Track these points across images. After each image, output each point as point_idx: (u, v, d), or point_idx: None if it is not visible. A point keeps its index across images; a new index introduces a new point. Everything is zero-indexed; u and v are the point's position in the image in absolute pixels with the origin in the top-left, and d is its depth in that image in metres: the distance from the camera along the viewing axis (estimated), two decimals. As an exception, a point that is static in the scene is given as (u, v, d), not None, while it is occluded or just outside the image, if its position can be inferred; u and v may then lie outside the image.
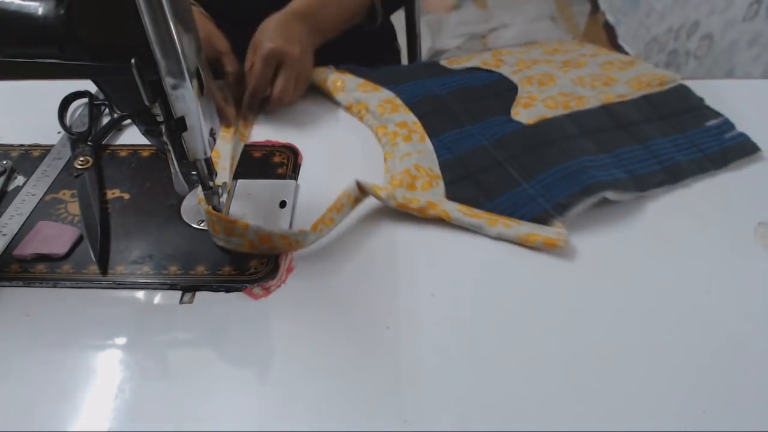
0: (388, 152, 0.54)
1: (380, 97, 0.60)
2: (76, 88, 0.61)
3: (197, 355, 0.40)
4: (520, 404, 0.37)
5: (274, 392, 0.38)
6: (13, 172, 0.54)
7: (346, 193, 0.47)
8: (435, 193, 0.49)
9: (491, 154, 0.52)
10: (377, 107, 0.58)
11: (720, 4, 1.02)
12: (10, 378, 0.39)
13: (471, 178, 0.51)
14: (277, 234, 0.44)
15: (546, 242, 0.45)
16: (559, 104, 0.57)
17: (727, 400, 0.37)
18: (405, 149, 0.53)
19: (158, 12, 0.33)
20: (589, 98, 0.58)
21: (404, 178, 0.50)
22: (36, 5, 0.36)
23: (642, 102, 0.58)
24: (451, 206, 0.48)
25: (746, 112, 0.59)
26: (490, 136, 0.54)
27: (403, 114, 0.57)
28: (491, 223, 0.46)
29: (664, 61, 1.19)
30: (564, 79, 0.61)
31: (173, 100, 0.37)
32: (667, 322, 0.42)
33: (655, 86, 0.60)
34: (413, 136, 0.55)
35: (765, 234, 0.47)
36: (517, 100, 0.58)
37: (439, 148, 0.53)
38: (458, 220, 0.47)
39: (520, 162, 0.51)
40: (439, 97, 0.59)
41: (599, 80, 0.61)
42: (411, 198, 0.47)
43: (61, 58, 0.37)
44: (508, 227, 0.46)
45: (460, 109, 0.58)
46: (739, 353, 0.40)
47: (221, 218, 0.44)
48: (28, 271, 0.45)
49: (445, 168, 0.52)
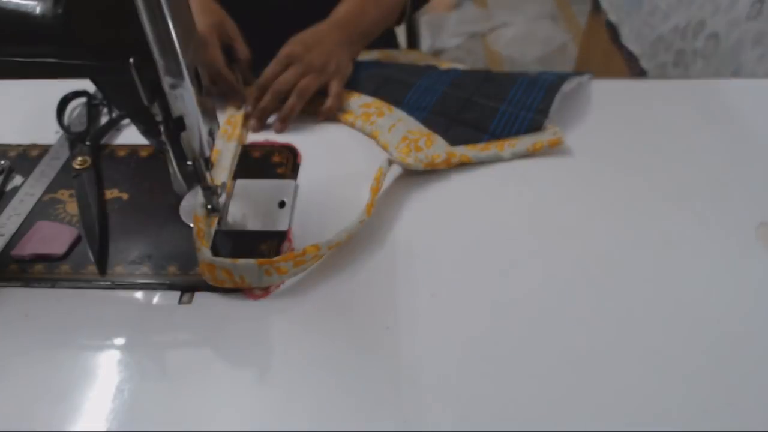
0: (374, 131, 0.57)
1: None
2: (75, 87, 0.61)
3: (196, 355, 0.40)
4: (521, 404, 0.37)
5: (273, 392, 0.38)
6: (11, 171, 0.53)
7: (381, 174, 0.50)
8: (439, 146, 0.54)
9: (456, 96, 0.59)
10: None
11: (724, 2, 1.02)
12: (9, 378, 0.39)
13: (456, 122, 0.56)
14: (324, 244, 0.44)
15: (550, 143, 0.54)
16: (468, 67, 0.68)
17: (727, 400, 0.37)
18: (387, 122, 0.57)
19: (156, 11, 0.33)
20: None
21: (408, 144, 0.54)
22: (34, 4, 0.35)
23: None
24: (463, 149, 0.54)
25: (753, 111, 0.59)
26: (443, 81, 0.61)
27: (357, 97, 0.61)
28: (500, 148, 0.54)
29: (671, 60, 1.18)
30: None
31: (172, 99, 0.37)
32: (667, 321, 0.41)
33: None
34: (383, 109, 0.58)
35: (766, 234, 0.47)
36: (437, 65, 0.67)
37: (411, 111, 0.58)
38: (477, 157, 0.53)
39: (483, 92, 0.59)
40: (374, 74, 0.63)
41: None
42: (433, 155, 0.52)
43: (59, 57, 0.36)
44: (514, 146, 0.54)
45: (400, 75, 0.63)
46: (739, 353, 0.39)
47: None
48: (26, 272, 0.45)
49: (430, 123, 0.56)
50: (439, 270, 0.45)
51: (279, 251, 0.46)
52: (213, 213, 0.48)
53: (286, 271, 0.43)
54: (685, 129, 0.58)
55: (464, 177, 0.53)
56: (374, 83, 0.62)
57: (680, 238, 0.47)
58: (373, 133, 0.57)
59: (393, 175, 0.53)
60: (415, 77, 0.62)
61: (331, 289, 0.44)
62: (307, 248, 0.43)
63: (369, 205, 0.47)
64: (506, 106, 0.57)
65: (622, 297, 0.43)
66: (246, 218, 0.49)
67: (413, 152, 0.53)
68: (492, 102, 0.58)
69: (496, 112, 0.56)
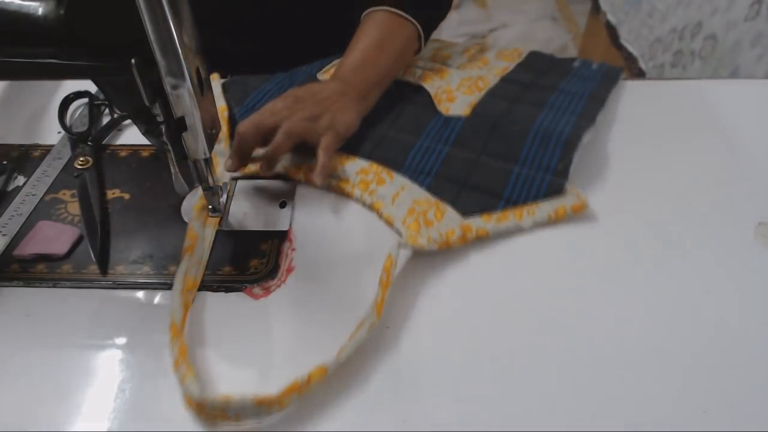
0: (376, 202, 0.49)
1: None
2: (76, 88, 0.61)
3: (197, 355, 0.40)
4: (520, 404, 0.37)
5: (273, 392, 0.38)
6: (13, 172, 0.54)
7: (391, 265, 0.42)
8: (451, 218, 0.47)
9: (462, 157, 0.53)
10: None
11: (722, 3, 1.02)
12: (10, 378, 0.39)
13: (466, 187, 0.50)
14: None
15: (574, 209, 0.48)
16: (473, 89, 0.61)
17: (727, 400, 0.37)
18: (389, 191, 0.50)
19: (158, 12, 0.33)
20: (487, 76, 0.63)
21: (416, 218, 0.47)
22: (36, 5, 0.36)
23: (521, 69, 0.65)
24: (477, 221, 0.47)
25: (751, 112, 0.59)
26: (445, 140, 0.54)
27: (352, 162, 0.53)
28: (519, 217, 0.48)
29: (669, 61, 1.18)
30: (452, 69, 0.64)
31: (173, 100, 0.37)
32: (667, 321, 0.41)
33: (516, 57, 0.68)
34: (382, 176, 0.51)
35: (765, 234, 0.47)
36: (436, 98, 0.60)
37: (414, 176, 0.51)
38: (495, 230, 0.47)
39: (492, 151, 0.53)
40: (365, 129, 0.55)
41: (477, 61, 0.67)
42: (446, 232, 0.46)
43: (61, 58, 0.37)
44: (534, 214, 0.48)
45: (394, 132, 0.56)
46: (739, 353, 0.40)
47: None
48: (28, 271, 0.45)
49: (437, 190, 0.50)
50: (439, 270, 0.45)
51: (280, 251, 0.46)
52: (214, 213, 0.48)
53: (288, 403, 0.36)
54: (684, 129, 0.58)
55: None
56: (368, 143, 0.54)
57: (679, 238, 0.47)
58: (375, 204, 0.49)
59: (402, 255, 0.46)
60: (412, 135, 0.55)
61: (331, 289, 0.44)
62: (312, 374, 0.36)
63: (379, 303, 0.40)
64: (520, 168, 0.51)
65: (622, 297, 0.43)
66: (247, 218, 0.49)
67: (423, 228, 0.46)
68: (503, 163, 0.51)
69: (509, 175, 0.50)
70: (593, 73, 0.64)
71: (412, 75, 0.63)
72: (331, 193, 0.52)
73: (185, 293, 0.42)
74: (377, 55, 0.58)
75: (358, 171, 0.52)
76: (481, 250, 0.47)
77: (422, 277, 0.45)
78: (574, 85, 0.61)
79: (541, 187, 0.49)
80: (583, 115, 0.55)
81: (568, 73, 0.64)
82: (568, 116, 0.56)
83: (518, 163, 0.51)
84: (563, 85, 0.62)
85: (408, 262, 0.46)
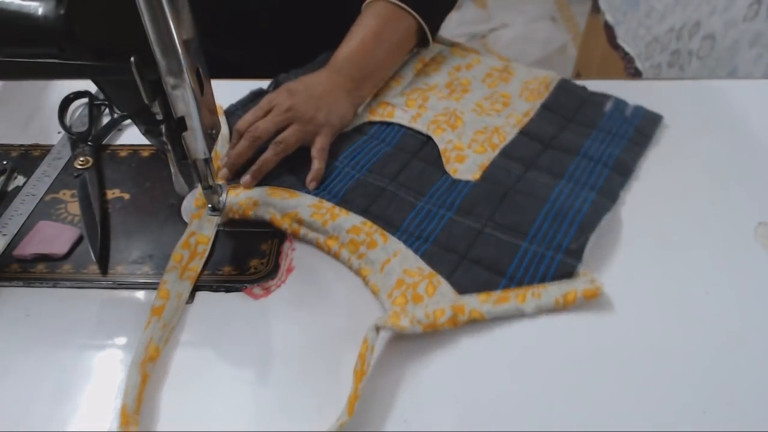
0: (363, 268, 0.45)
1: (305, 202, 0.48)
2: (76, 88, 0.61)
3: (197, 355, 0.40)
4: (520, 404, 0.37)
5: (273, 392, 0.38)
6: (13, 172, 0.54)
7: (367, 350, 0.38)
8: (444, 294, 0.42)
9: (466, 226, 0.47)
10: (313, 215, 0.47)
11: (721, 3, 1.02)
12: (10, 378, 0.39)
13: (466, 260, 0.45)
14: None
15: (586, 295, 0.42)
16: (486, 145, 0.54)
17: (727, 400, 0.37)
18: (379, 256, 0.45)
19: (158, 11, 0.33)
20: (504, 128, 0.56)
21: (404, 291, 0.42)
22: (36, 5, 0.36)
23: (545, 112, 0.59)
24: (473, 302, 0.42)
25: (749, 112, 0.59)
26: (449, 205, 0.49)
27: (345, 217, 0.47)
28: (522, 300, 0.42)
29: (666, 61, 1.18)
30: (467, 113, 0.57)
31: (173, 99, 0.37)
32: (667, 321, 0.42)
33: (544, 91, 0.61)
34: (374, 238, 0.46)
35: (765, 234, 0.47)
36: (445, 155, 0.53)
37: (409, 240, 0.46)
38: (491, 313, 0.41)
39: (499, 222, 0.47)
40: (364, 181, 0.51)
41: (497, 102, 0.59)
42: (434, 311, 0.40)
43: (61, 57, 0.37)
44: (540, 296, 0.42)
45: (396, 187, 0.50)
46: (739, 353, 0.40)
47: None
48: (28, 271, 0.45)
49: (432, 260, 0.45)
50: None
51: (280, 251, 0.46)
52: (214, 212, 0.48)
53: None
54: (683, 129, 0.58)
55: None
56: (365, 197, 0.49)
57: (678, 238, 0.47)
58: (362, 270, 0.45)
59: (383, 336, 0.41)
60: (414, 195, 0.49)
61: (330, 289, 0.44)
62: None
63: (352, 399, 0.36)
64: (528, 244, 0.45)
65: (621, 296, 0.43)
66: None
67: (410, 305, 0.41)
68: (511, 237, 0.46)
69: (516, 250, 0.45)
70: (626, 121, 0.57)
71: (423, 113, 0.57)
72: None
73: (144, 365, 0.38)
74: (373, 46, 0.57)
75: (350, 229, 0.46)
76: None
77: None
78: (602, 143, 0.55)
79: (551, 267, 0.43)
80: (604, 192, 0.49)
81: (598, 118, 0.57)
82: (587, 191, 0.49)
83: (527, 239, 0.45)
84: (588, 143, 0.54)
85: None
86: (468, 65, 0.64)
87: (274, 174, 0.51)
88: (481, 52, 0.66)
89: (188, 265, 0.45)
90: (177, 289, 0.43)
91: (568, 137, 0.56)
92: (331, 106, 0.53)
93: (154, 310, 0.41)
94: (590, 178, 0.51)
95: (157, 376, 0.39)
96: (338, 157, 0.53)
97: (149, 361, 0.39)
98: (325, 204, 0.48)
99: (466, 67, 0.64)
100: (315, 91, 0.53)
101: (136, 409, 0.36)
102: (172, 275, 0.44)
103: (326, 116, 0.53)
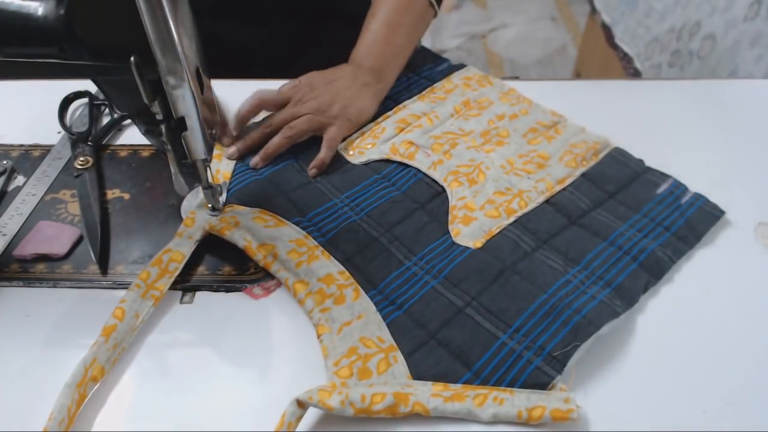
0: (320, 325, 0.41)
1: (289, 236, 0.46)
2: (76, 88, 0.61)
3: (197, 355, 0.40)
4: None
5: (274, 392, 0.38)
6: (14, 172, 0.54)
7: (282, 427, 0.34)
8: (395, 375, 0.38)
9: (448, 301, 0.42)
10: (289, 253, 0.44)
11: (721, 3, 1.02)
12: (10, 378, 0.39)
13: (434, 340, 0.40)
14: None
15: (554, 416, 0.35)
16: (501, 210, 0.47)
17: (727, 400, 0.37)
18: (341, 316, 0.41)
19: (158, 11, 0.33)
20: (530, 193, 0.49)
21: (352, 362, 0.38)
22: (36, 5, 0.36)
23: (584, 183, 0.50)
24: (423, 392, 0.36)
25: (749, 112, 0.59)
26: (436, 272, 0.43)
27: (324, 262, 0.44)
28: (480, 403, 0.36)
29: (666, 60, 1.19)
30: (494, 169, 0.51)
31: (174, 100, 0.37)
32: (667, 321, 0.42)
33: (591, 158, 0.53)
34: (345, 293, 0.42)
35: (765, 234, 0.47)
36: (453, 212, 0.48)
37: (381, 303, 0.42)
38: (438, 411, 0.36)
39: (485, 304, 0.41)
40: (358, 226, 0.47)
41: (532, 163, 0.52)
42: (372, 395, 0.36)
43: (61, 58, 0.37)
44: (501, 403, 0.36)
45: (389, 240, 0.46)
46: (739, 353, 0.40)
47: None
48: (28, 271, 0.45)
49: (398, 332, 0.40)
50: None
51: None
52: (213, 212, 0.48)
53: None
54: (683, 129, 0.58)
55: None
56: (352, 244, 0.46)
57: (679, 238, 0.47)
58: (319, 326, 0.41)
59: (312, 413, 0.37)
60: (405, 252, 0.45)
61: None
62: None
63: None
64: (508, 338, 0.39)
65: (622, 297, 0.43)
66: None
67: (353, 379, 0.37)
68: (492, 324, 0.40)
69: (492, 342, 0.39)
70: (678, 210, 0.48)
71: (446, 161, 0.52)
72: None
73: (81, 386, 0.36)
74: (388, 34, 0.58)
75: (323, 277, 0.43)
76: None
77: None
78: (640, 230, 0.46)
79: (524, 371, 0.37)
80: (621, 292, 0.42)
81: (646, 200, 0.49)
82: (600, 287, 0.42)
83: (509, 332, 0.40)
84: (623, 228, 0.46)
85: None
86: (513, 115, 0.57)
87: (281, 160, 0.52)
88: (533, 103, 0.59)
89: (155, 283, 0.43)
90: (136, 308, 0.41)
91: (601, 216, 0.48)
92: (349, 100, 0.54)
93: (104, 330, 0.39)
94: (610, 271, 0.43)
95: (101, 395, 0.38)
96: (342, 192, 0.50)
97: (91, 382, 0.37)
98: (309, 242, 0.45)
99: (510, 116, 0.57)
100: (334, 86, 0.55)
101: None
102: (132, 294, 0.41)
103: (342, 109, 0.54)
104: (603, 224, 0.47)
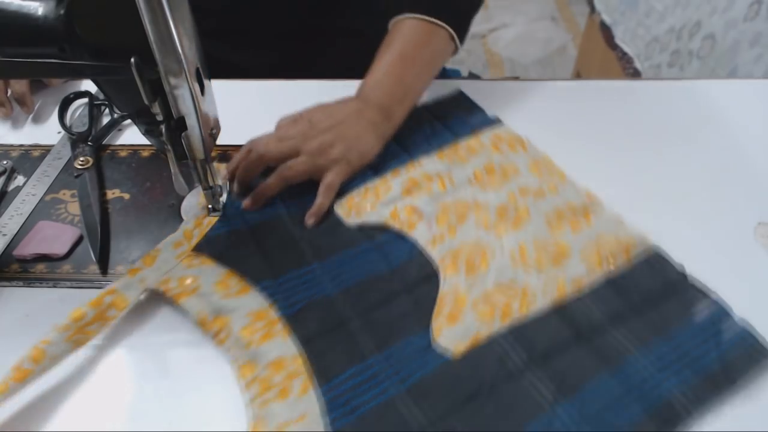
0: (256, 422, 0.35)
1: (249, 307, 0.41)
2: (76, 88, 0.61)
3: (197, 355, 0.40)
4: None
5: (273, 392, 0.38)
6: (14, 172, 0.54)
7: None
8: None
9: (405, 416, 0.35)
10: (243, 330, 0.40)
11: (721, 3, 1.02)
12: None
13: None
14: None
15: None
16: (497, 311, 0.40)
17: (727, 400, 0.37)
18: (281, 415, 0.35)
19: (158, 12, 0.33)
20: (536, 294, 0.41)
21: None
22: (36, 5, 0.36)
23: (605, 290, 0.42)
24: None
25: (749, 112, 0.59)
26: (402, 378, 0.37)
27: (279, 341, 0.39)
28: None
29: (666, 60, 1.19)
30: (500, 257, 0.44)
31: (173, 100, 0.37)
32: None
33: (621, 258, 0.43)
34: (293, 385, 0.37)
35: (765, 234, 0.48)
36: (440, 305, 0.41)
37: (332, 402, 0.36)
38: None
39: (449, 428, 0.35)
40: (331, 302, 0.42)
41: (547, 255, 0.44)
42: None
43: (61, 58, 0.37)
44: None
45: (360, 326, 0.40)
46: (739, 353, 0.40)
47: None
48: (28, 271, 0.45)
49: None
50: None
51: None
52: (214, 213, 0.48)
53: None
54: (683, 129, 0.58)
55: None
56: (318, 323, 0.40)
57: (678, 239, 0.47)
58: (255, 422, 0.35)
59: None
60: (373, 345, 0.39)
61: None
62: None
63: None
64: None
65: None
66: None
67: None
68: None
69: None
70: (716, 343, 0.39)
71: (448, 238, 0.45)
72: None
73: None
74: (401, 68, 0.53)
75: (273, 361, 0.38)
76: None
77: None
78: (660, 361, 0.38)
79: None
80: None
81: (677, 322, 0.40)
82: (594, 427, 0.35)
83: None
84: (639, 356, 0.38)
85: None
86: (539, 192, 0.48)
87: (268, 211, 0.48)
88: (566, 178, 0.50)
89: (86, 327, 0.39)
90: (55, 351, 0.37)
91: (617, 337, 0.39)
92: (351, 142, 0.49)
93: (16, 374, 0.36)
94: (607, 413, 0.35)
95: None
96: (325, 257, 0.44)
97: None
98: (271, 314, 0.40)
99: (535, 193, 0.48)
100: (336, 123, 0.49)
101: None
102: (58, 335, 0.38)
103: (342, 152, 0.48)
104: (615, 349, 0.38)
